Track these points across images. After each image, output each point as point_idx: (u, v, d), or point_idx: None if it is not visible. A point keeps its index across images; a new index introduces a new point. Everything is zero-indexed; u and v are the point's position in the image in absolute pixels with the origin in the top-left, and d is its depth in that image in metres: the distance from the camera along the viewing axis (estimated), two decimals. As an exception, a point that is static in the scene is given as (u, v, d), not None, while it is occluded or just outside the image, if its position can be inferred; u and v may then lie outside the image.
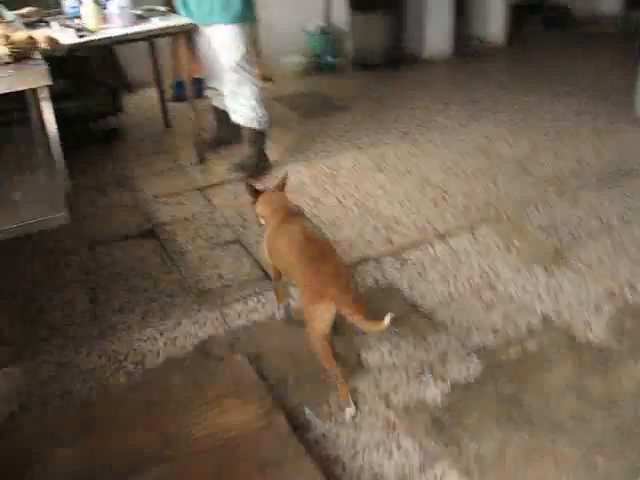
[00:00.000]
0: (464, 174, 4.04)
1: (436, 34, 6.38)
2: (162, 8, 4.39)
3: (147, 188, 4.20)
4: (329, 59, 6.21)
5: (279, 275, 2.56)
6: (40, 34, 2.82)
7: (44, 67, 2.44)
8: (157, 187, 4.19)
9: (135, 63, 5.40)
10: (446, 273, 2.99)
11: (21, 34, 2.61)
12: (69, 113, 4.51)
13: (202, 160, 4.48)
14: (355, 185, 4.01)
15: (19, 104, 3.16)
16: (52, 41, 2.80)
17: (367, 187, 3.98)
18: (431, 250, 3.18)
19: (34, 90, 2.50)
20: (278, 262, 2.44)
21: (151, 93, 5.30)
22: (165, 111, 5.10)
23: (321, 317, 2.07)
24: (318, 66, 6.22)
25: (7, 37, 2.58)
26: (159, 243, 3.56)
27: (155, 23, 4.14)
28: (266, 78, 6.31)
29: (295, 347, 2.56)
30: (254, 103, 4.10)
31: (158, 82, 5.02)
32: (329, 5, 6.23)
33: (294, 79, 6.18)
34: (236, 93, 4.08)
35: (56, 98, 4.71)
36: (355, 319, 2.02)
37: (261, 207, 2.50)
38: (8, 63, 2.60)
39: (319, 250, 2.20)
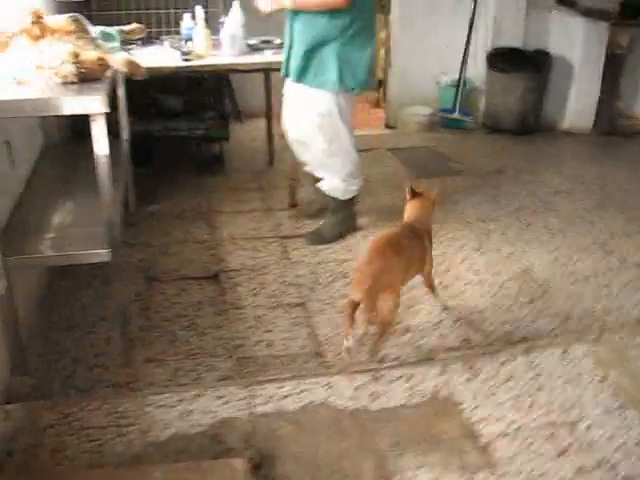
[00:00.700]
0: (573, 272, 3.52)
1: (580, 104, 5.81)
2: (279, 41, 4.13)
3: (229, 226, 4.01)
4: (457, 116, 5.76)
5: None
6: (120, 56, 2.58)
7: (102, 94, 2.18)
8: (239, 227, 3.99)
9: (249, 93, 5.21)
10: (520, 397, 2.49)
11: (91, 53, 2.40)
12: (175, 132, 4.37)
13: (293, 205, 4.16)
14: (447, 263, 3.56)
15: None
16: (132, 64, 2.55)
17: (460, 268, 3.56)
18: (511, 363, 2.68)
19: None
20: None
21: (261, 125, 5.05)
22: (271, 146, 4.84)
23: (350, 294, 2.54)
24: (445, 122, 5.79)
25: (76, 55, 2.35)
26: (220, 290, 3.27)
27: (266, 56, 3.89)
28: (389, 126, 6.00)
29: (320, 456, 2.18)
30: (344, 176, 3.69)
31: (268, 116, 4.77)
32: (467, 58, 5.79)
33: (417, 131, 5.78)
34: (325, 165, 3.70)
35: (164, 115, 4.65)
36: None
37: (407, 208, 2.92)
38: (74, 83, 2.35)
39: (385, 256, 2.57)
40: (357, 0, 3.21)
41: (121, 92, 3.74)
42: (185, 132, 4.52)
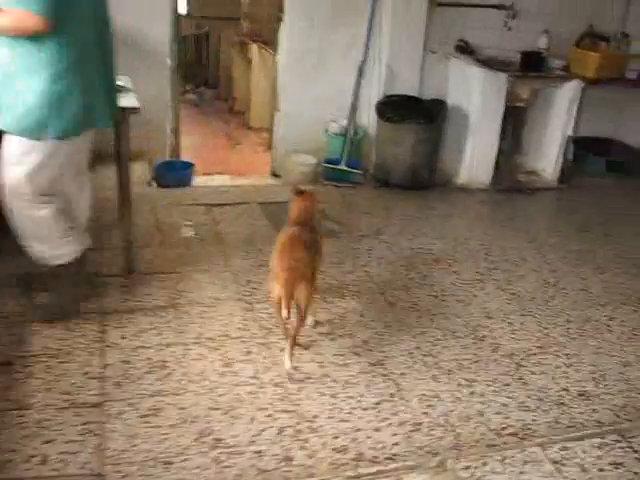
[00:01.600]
0: (436, 363, 2.93)
1: (477, 158, 5.42)
2: (121, 83, 3.53)
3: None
4: (343, 167, 5.24)
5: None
6: None
7: None
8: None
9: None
10: None
11: None
12: None
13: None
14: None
15: None
16: None
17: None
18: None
19: None
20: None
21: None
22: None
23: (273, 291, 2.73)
24: (330, 173, 5.28)
25: None
26: (8, 382, 2.63)
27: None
28: (275, 174, 5.48)
29: None
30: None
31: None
32: (356, 105, 5.31)
33: (298, 182, 5.22)
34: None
35: None
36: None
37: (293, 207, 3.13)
38: None
39: (291, 250, 2.81)
40: (64, 24, 2.58)
41: None
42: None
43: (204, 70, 10.00)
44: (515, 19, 5.51)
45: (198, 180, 5.31)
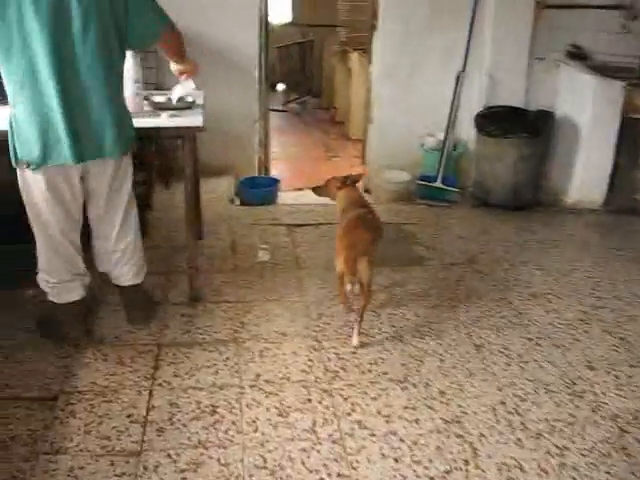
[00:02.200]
0: (523, 422, 2.56)
1: (589, 175, 4.88)
2: (190, 99, 3.31)
3: (102, 325, 3.15)
4: (439, 185, 4.86)
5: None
6: None
7: None
8: (114, 326, 3.13)
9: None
10: None
11: None
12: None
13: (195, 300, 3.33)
14: (350, 402, 2.72)
15: None
16: None
17: (367, 410, 2.68)
18: None
19: None
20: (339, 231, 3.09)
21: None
22: (199, 215, 4.02)
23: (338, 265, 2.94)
24: (424, 191, 4.91)
25: None
26: (49, 420, 2.46)
27: (161, 120, 3.09)
28: (368, 190, 5.17)
29: None
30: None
31: (193, 180, 3.96)
32: (454, 118, 4.91)
33: (391, 201, 4.90)
34: None
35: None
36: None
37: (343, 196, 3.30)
38: None
39: (354, 228, 3.03)
40: (5, 57, 2.46)
41: None
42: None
43: (308, 79, 9.80)
44: (635, 21, 4.89)
45: (285, 196, 5.05)
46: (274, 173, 5.64)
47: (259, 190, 4.83)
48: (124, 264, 2.99)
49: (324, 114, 8.92)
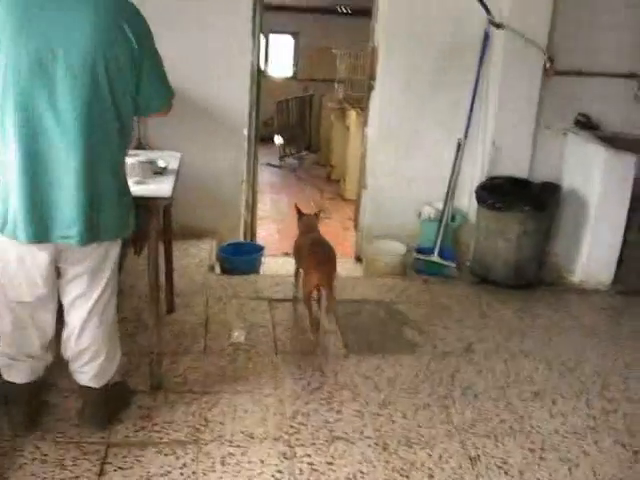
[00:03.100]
0: None
1: (596, 253, 4.50)
2: (162, 164, 2.98)
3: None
4: (436, 259, 4.50)
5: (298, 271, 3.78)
6: None
7: None
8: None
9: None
10: None
11: None
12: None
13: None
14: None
15: None
16: None
17: None
18: None
19: None
20: (297, 255, 3.77)
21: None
22: (170, 284, 3.66)
23: (308, 283, 3.46)
24: (421, 265, 4.55)
25: None
26: None
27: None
28: (359, 258, 4.82)
29: None
30: None
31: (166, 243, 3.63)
32: (453, 188, 4.57)
33: (384, 274, 4.54)
34: None
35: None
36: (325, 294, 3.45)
37: (300, 224, 3.90)
38: None
39: (322, 249, 3.62)
40: None
41: None
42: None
43: (306, 134, 9.56)
44: (648, 90, 4.61)
45: (270, 264, 4.69)
46: (261, 234, 5.32)
47: (241, 258, 4.46)
48: (84, 364, 2.60)
49: (321, 171, 8.64)
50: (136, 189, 2.75)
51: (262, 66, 4.82)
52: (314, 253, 3.54)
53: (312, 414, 2.92)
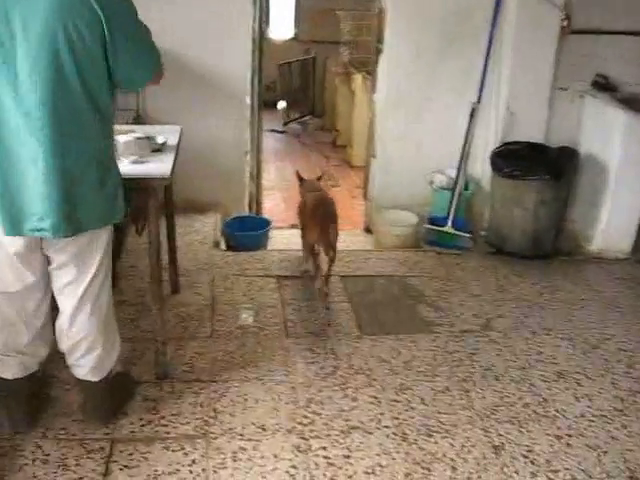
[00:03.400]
0: None
1: (615, 220, 4.33)
2: (161, 140, 2.79)
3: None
4: (449, 229, 4.32)
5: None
6: None
7: None
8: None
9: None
10: None
11: None
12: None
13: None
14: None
15: None
16: None
17: None
18: None
19: None
20: (301, 215, 3.84)
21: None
22: (174, 265, 3.50)
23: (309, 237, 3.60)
24: (433, 236, 4.37)
25: None
26: None
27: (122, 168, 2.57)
28: (369, 229, 4.65)
29: None
30: None
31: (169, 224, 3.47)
32: (466, 155, 4.37)
33: (394, 246, 4.36)
34: None
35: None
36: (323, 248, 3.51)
37: (302, 190, 3.93)
38: None
39: (323, 202, 3.70)
40: None
41: None
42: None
43: (310, 98, 9.29)
44: (673, 50, 4.37)
45: (278, 237, 4.52)
46: (267, 205, 5.14)
47: (247, 234, 4.29)
48: (80, 357, 2.45)
49: (326, 136, 8.40)
50: (133, 169, 2.58)
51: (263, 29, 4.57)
52: (315, 207, 3.61)
53: (326, 402, 2.78)
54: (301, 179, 3.99)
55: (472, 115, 4.41)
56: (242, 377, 2.92)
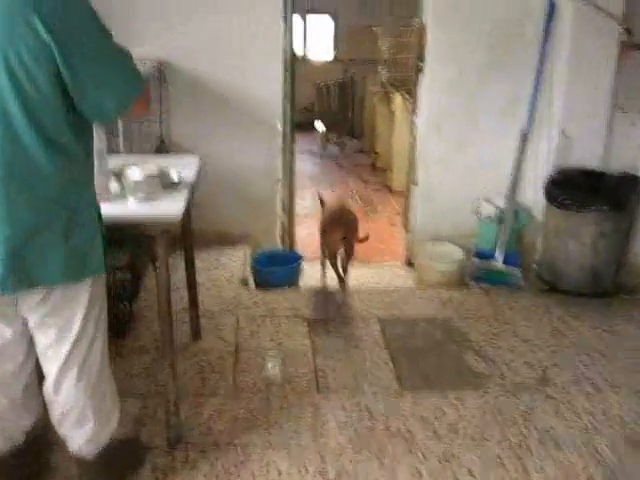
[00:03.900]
0: None
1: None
2: (175, 176, 2.48)
3: None
4: (498, 265, 3.92)
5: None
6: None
7: None
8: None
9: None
10: None
11: None
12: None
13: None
14: None
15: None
16: None
17: None
18: None
19: None
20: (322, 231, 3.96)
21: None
22: (195, 307, 3.19)
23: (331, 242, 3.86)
24: (480, 272, 3.97)
25: None
26: None
27: (125, 208, 2.25)
28: (410, 263, 4.29)
29: None
30: None
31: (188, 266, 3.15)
32: (516, 182, 3.99)
33: (437, 283, 3.98)
34: None
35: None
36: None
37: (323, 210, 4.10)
38: None
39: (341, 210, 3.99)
40: None
41: None
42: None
43: (348, 119, 9.00)
44: None
45: (310, 273, 4.17)
46: (301, 234, 4.81)
47: (274, 270, 3.96)
48: (70, 428, 2.12)
49: (364, 159, 8.08)
50: (138, 209, 2.25)
51: (299, 50, 4.26)
52: (333, 214, 3.89)
53: (360, 474, 2.40)
54: (322, 201, 4.11)
55: (523, 139, 4.00)
56: (265, 442, 2.57)
